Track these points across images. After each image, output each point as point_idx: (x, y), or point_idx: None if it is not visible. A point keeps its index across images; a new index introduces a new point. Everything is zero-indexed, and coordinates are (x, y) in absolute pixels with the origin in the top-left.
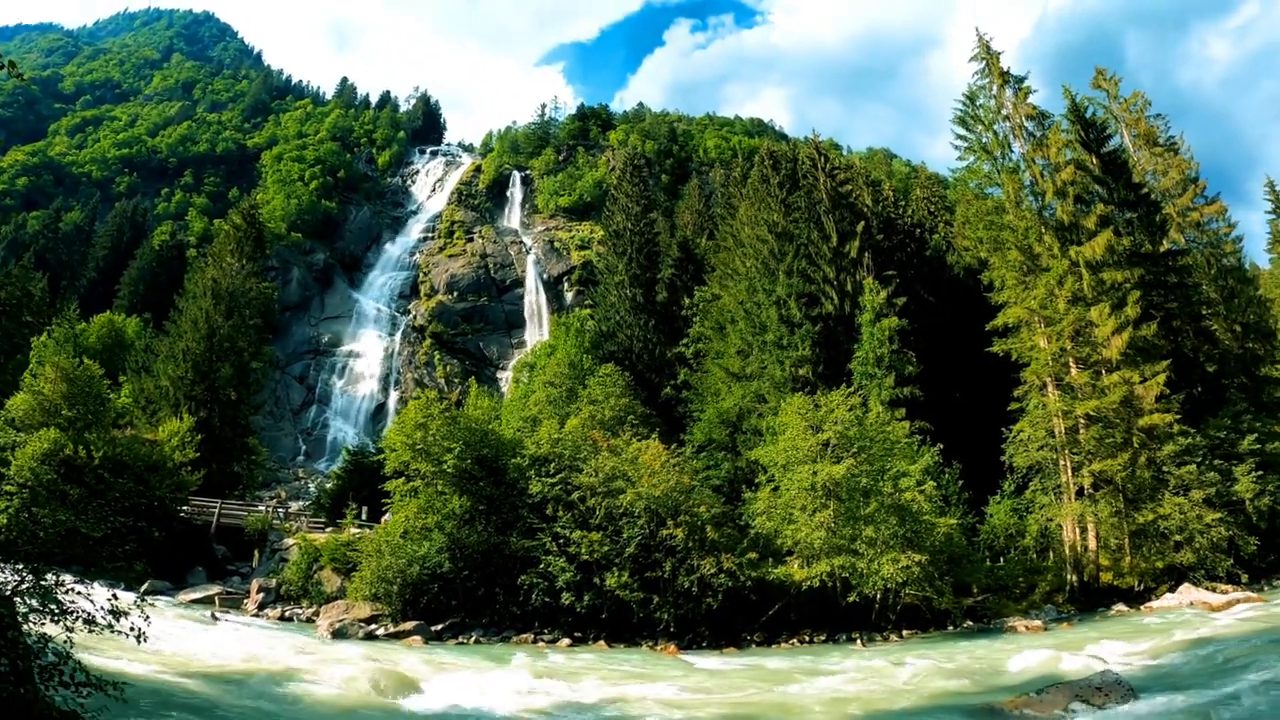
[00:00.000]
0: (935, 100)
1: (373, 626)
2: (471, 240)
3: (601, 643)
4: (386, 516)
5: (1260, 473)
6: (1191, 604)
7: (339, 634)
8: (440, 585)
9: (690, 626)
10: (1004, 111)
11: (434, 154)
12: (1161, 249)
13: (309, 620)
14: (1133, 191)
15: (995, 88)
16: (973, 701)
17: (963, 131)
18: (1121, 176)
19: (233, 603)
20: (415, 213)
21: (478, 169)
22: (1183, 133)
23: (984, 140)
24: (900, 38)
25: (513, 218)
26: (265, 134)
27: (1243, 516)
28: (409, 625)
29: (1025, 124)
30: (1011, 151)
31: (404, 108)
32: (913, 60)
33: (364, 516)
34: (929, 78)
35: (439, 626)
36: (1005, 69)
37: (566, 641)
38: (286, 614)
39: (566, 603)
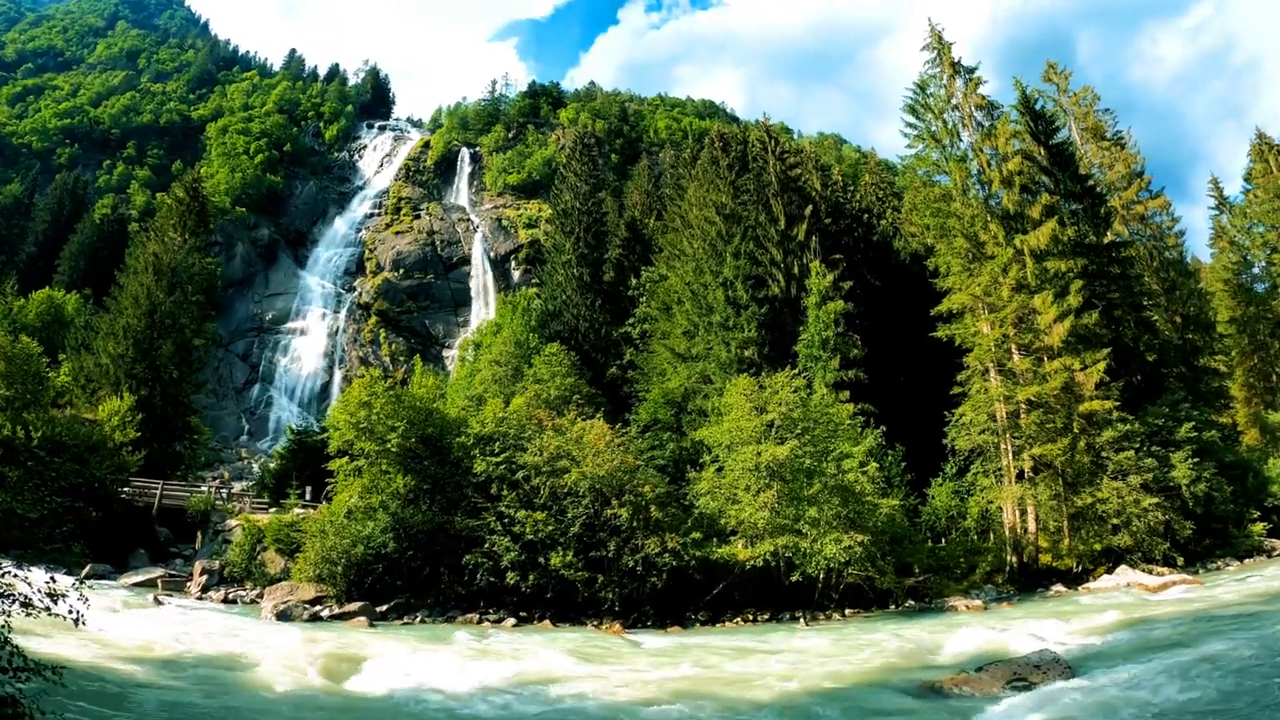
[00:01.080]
0: (887, 88)
1: (317, 608)
2: (419, 217)
3: (547, 622)
4: (328, 496)
5: (1196, 460)
6: (1128, 585)
7: (283, 616)
8: (385, 565)
9: (635, 606)
10: (954, 101)
11: (382, 129)
12: (1105, 240)
13: (253, 602)
14: (1079, 183)
15: (946, 77)
16: (913, 679)
17: (912, 119)
18: (1068, 168)
19: (176, 585)
20: (362, 188)
21: (426, 145)
22: (1130, 128)
23: (933, 129)
24: (857, 25)
25: (461, 195)
26: (211, 105)
27: (1179, 502)
28: (354, 606)
29: (975, 114)
30: (960, 140)
31: (353, 81)
32: (867, 48)
33: (308, 497)
34: (882, 66)
35: (384, 607)
36: (957, 59)
37: (511, 621)
38: (230, 596)
39: (511, 582)
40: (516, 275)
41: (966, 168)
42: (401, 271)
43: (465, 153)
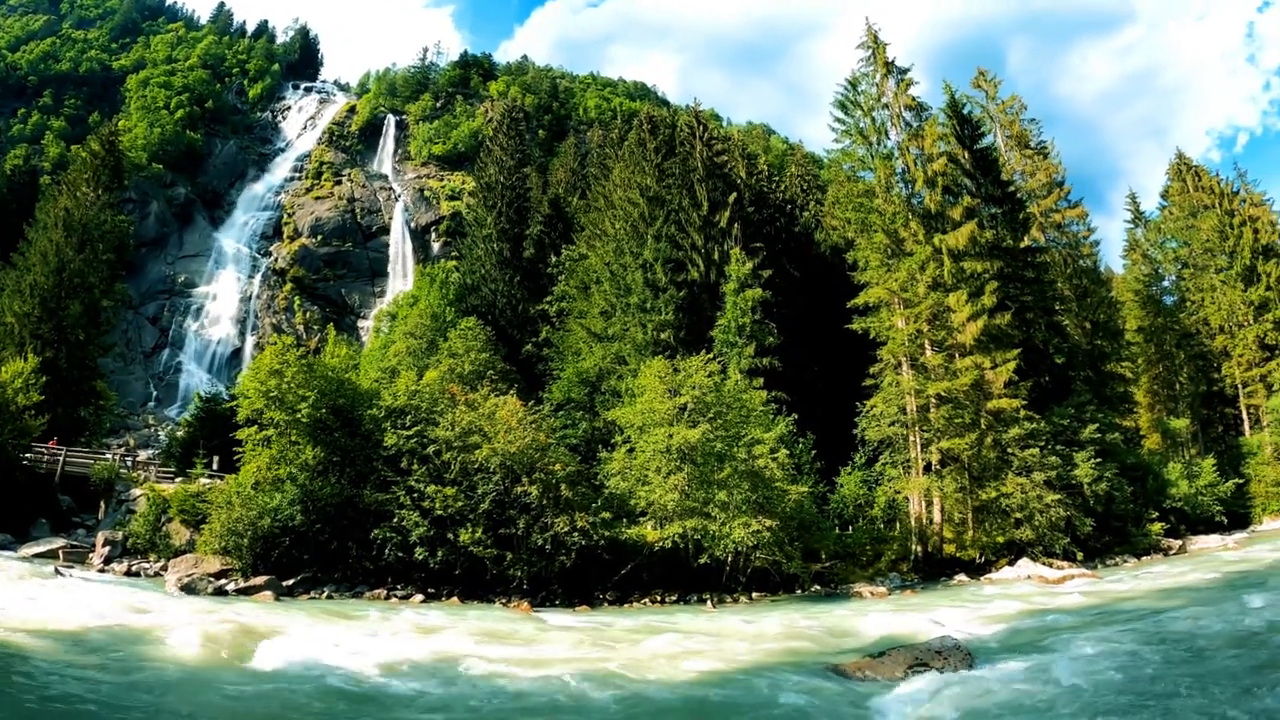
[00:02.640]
0: (820, 83)
1: (223, 581)
2: (340, 183)
3: (455, 599)
4: (236, 466)
5: (1099, 460)
6: (1029, 577)
7: (188, 589)
8: (292, 539)
9: (544, 584)
10: (884, 100)
11: (308, 90)
12: (1022, 245)
13: (157, 575)
14: (1000, 188)
15: (879, 76)
16: (816, 662)
17: (842, 115)
18: (991, 173)
19: (78, 556)
20: (284, 150)
21: (352, 109)
22: (1054, 139)
23: (862, 125)
24: (795, 19)
25: (384, 163)
26: (133, 56)
27: (1081, 499)
28: (260, 580)
29: (904, 114)
30: (887, 138)
31: (281, 39)
32: (803, 42)
33: (215, 466)
34: (817, 61)
35: (290, 581)
36: (890, 59)
37: (420, 598)
38: (134, 568)
39: (420, 558)
40: (436, 247)
41: (892, 166)
42: (319, 238)
43: (391, 120)
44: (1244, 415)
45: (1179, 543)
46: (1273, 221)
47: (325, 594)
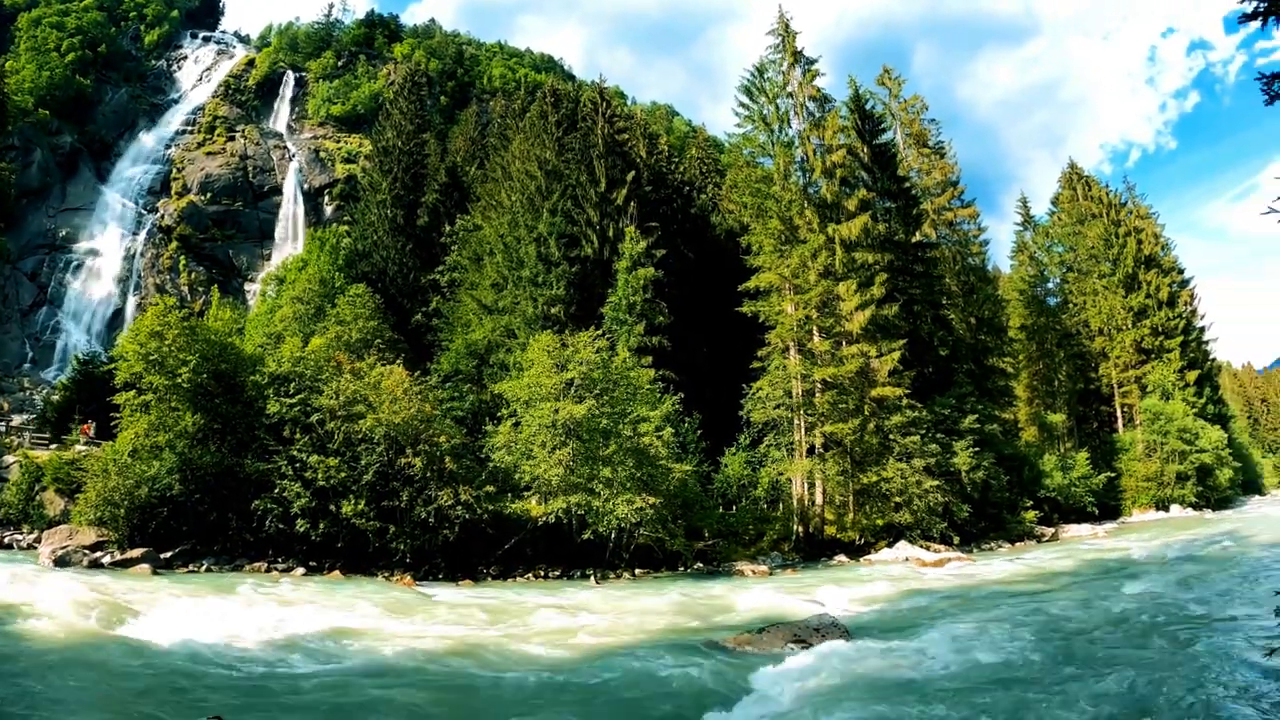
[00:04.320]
0: (729, 69)
1: (98, 554)
2: (233, 139)
3: (337, 572)
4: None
5: (978, 449)
6: (907, 559)
7: (61, 562)
8: (170, 509)
9: (427, 558)
10: (789, 89)
11: (206, 40)
12: (914, 239)
13: (30, 547)
14: (896, 184)
15: (786, 65)
16: (698, 638)
17: (746, 100)
18: (888, 168)
19: None
20: (177, 102)
21: (251, 63)
22: (952, 140)
23: (765, 112)
24: (709, 4)
25: (280, 120)
26: None
27: (959, 486)
28: (137, 553)
29: (808, 104)
30: (789, 127)
31: None
32: (715, 27)
33: (93, 433)
34: (726, 47)
35: (169, 554)
36: (799, 48)
37: (301, 571)
38: (5, 540)
39: (302, 530)
40: (329, 211)
41: (791, 154)
42: (209, 196)
43: (290, 76)
44: (1118, 413)
45: (1052, 530)
46: (1156, 234)
47: (204, 567)
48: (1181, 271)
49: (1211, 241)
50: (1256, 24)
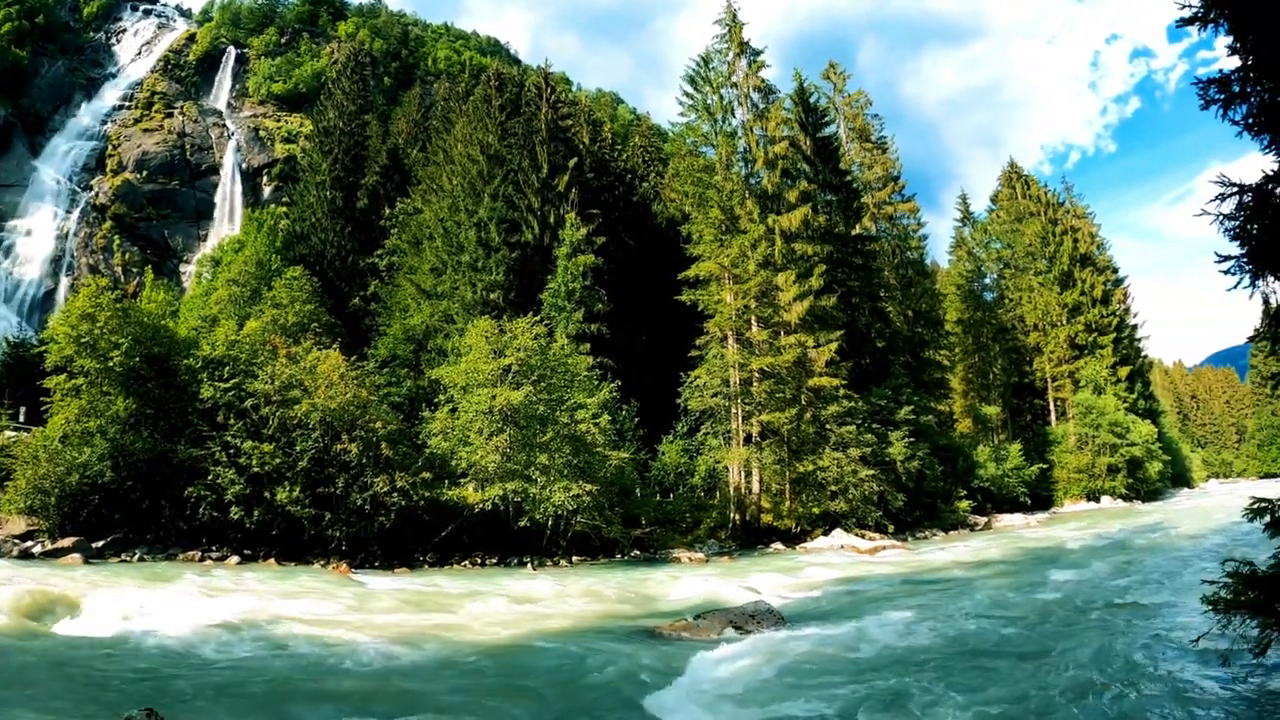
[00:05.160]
0: (675, 58)
1: (29, 544)
2: (171, 116)
3: (272, 561)
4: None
5: (913, 440)
6: (842, 547)
7: None
8: (102, 497)
9: (363, 545)
10: (735, 79)
11: (147, 13)
12: (854, 232)
13: None
14: (838, 176)
15: (732, 55)
16: (634, 625)
17: (691, 90)
18: (830, 161)
19: None
20: (114, 76)
21: (192, 38)
22: (894, 136)
23: (709, 102)
24: None
25: (220, 98)
26: None
27: (894, 475)
28: (68, 542)
29: (752, 94)
30: (733, 117)
31: None
32: (663, 16)
33: (22, 418)
34: (673, 36)
35: (101, 543)
36: (746, 39)
37: (235, 560)
38: None
39: (236, 518)
40: (268, 191)
41: (734, 144)
42: (145, 174)
43: (232, 52)
44: (1051, 407)
45: (985, 520)
46: (1092, 233)
47: (137, 556)
48: (1116, 271)
49: (1148, 242)
50: (1195, 28)
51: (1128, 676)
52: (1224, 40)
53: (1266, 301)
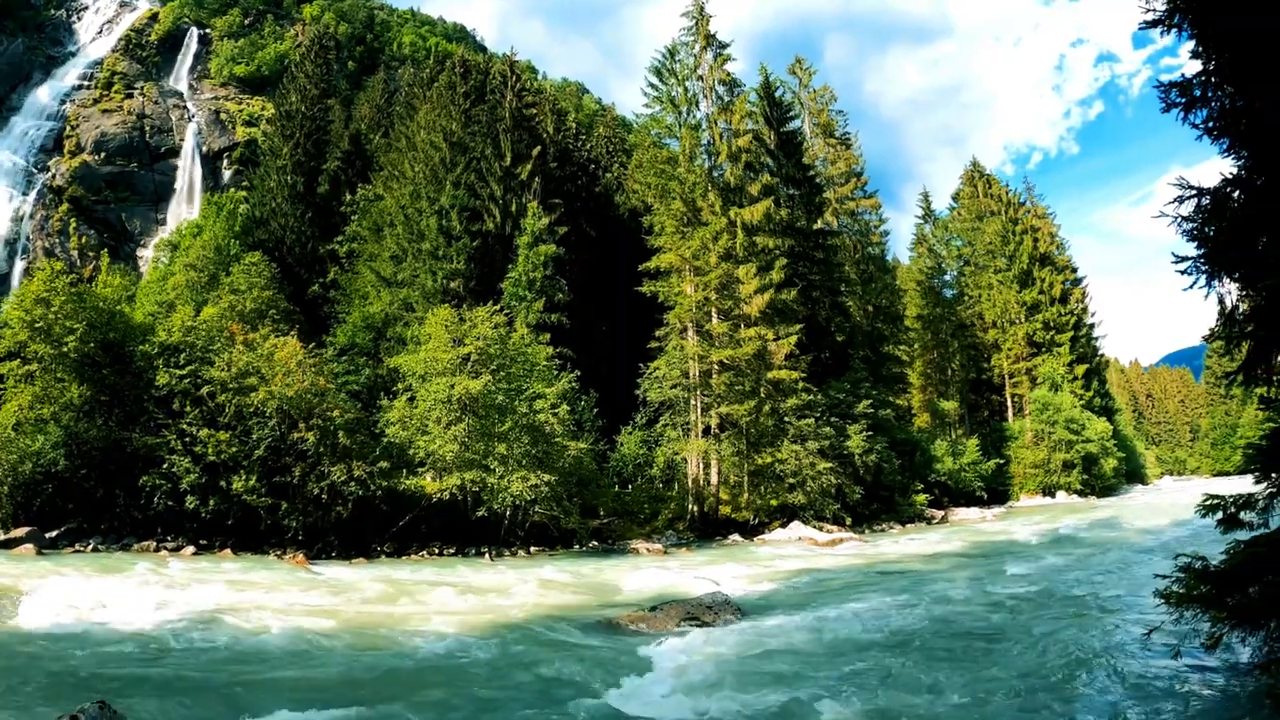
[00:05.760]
0: (641, 49)
1: None
2: (131, 96)
3: (228, 551)
4: None
5: (871, 433)
6: (800, 539)
7: None
8: (55, 486)
9: (320, 536)
10: (700, 72)
11: None
12: (815, 227)
13: None
14: (801, 171)
15: (698, 47)
16: (591, 616)
17: (656, 81)
18: (794, 156)
19: None
20: (74, 55)
21: (154, 17)
22: (858, 132)
23: (674, 94)
24: None
25: (181, 79)
26: None
27: (852, 468)
28: (20, 532)
29: (717, 87)
30: (698, 110)
31: None
32: (630, 7)
33: None
34: (640, 28)
35: (54, 533)
36: (712, 32)
37: (191, 550)
38: None
39: (191, 507)
40: (228, 175)
41: (698, 136)
42: (103, 155)
43: (195, 32)
44: (1009, 403)
45: (942, 513)
46: (1052, 233)
47: (91, 546)
48: (1075, 270)
49: (1108, 243)
50: (1159, 31)
51: (1080, 668)
52: (1189, 46)
53: (1222, 302)
